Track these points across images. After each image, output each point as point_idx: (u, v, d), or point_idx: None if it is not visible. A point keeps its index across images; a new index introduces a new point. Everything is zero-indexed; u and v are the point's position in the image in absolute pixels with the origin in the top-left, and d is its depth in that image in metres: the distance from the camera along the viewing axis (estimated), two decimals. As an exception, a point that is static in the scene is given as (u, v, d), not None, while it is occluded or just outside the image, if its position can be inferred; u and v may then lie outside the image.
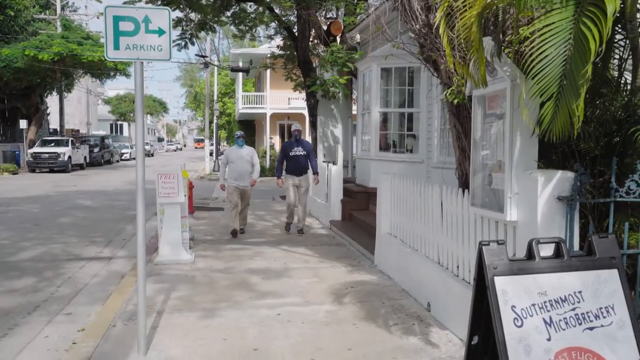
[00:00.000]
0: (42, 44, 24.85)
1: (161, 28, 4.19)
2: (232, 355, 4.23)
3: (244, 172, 9.36)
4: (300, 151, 9.52)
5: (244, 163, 9.35)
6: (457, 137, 5.25)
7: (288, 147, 9.69)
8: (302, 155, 9.53)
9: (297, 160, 9.50)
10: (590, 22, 3.02)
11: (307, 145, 9.84)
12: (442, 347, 4.39)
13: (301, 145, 9.60)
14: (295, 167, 9.53)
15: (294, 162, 9.52)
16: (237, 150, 9.55)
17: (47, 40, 25.21)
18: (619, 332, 2.75)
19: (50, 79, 28.48)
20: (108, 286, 6.27)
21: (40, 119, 30.62)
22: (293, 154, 9.49)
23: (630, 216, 3.67)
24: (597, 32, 2.97)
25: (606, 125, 3.93)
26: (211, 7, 11.07)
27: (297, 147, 9.51)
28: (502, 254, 2.83)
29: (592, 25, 3.00)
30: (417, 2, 4.85)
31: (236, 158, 9.35)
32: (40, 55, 24.12)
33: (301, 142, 9.72)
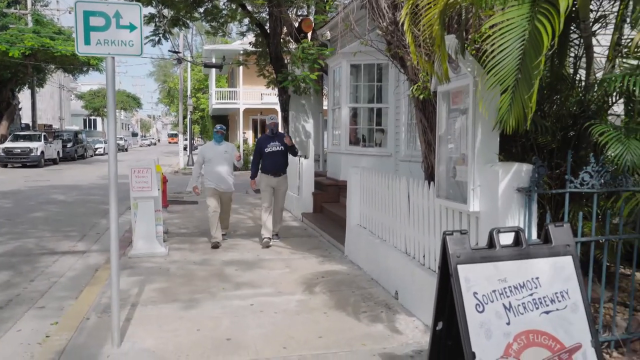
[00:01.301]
0: (13, 38, 24.13)
1: (132, 23, 4.11)
2: (205, 345, 4.21)
3: (224, 172, 7.85)
4: (277, 146, 7.95)
5: (223, 161, 7.86)
6: (423, 131, 5.30)
7: (263, 142, 8.11)
8: (280, 152, 7.97)
9: (274, 157, 7.96)
10: (544, 18, 3.10)
11: (283, 139, 8.14)
12: (409, 333, 4.45)
13: (278, 140, 8.01)
14: (271, 165, 7.98)
15: (271, 160, 7.97)
16: (215, 147, 7.97)
17: (18, 34, 24.49)
18: (572, 315, 2.83)
19: (21, 74, 27.72)
20: (82, 280, 6.16)
21: (11, 114, 29.78)
22: (269, 150, 7.95)
23: (584, 206, 3.77)
24: (550, 27, 3.04)
25: (562, 120, 4.03)
26: (184, 4, 10.91)
27: (273, 142, 7.96)
28: (464, 243, 2.88)
29: (545, 21, 3.08)
30: (384, 0, 4.87)
31: (214, 156, 7.85)
32: (11, 52, 23.42)
33: (278, 136, 8.14)
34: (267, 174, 8.02)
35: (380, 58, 7.54)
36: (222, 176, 7.82)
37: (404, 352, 4.07)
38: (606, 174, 3.65)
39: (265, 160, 8.01)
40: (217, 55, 28.33)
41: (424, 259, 4.88)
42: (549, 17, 3.07)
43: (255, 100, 29.42)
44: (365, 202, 6.68)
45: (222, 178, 7.82)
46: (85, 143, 36.42)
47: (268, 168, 8.00)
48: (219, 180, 7.81)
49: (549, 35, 3.02)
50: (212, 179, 7.82)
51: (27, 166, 25.20)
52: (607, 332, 3.85)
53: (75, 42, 4.06)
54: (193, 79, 36.56)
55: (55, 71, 31.75)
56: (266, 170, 8.03)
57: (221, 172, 7.81)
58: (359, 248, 6.68)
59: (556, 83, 4.06)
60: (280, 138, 8.08)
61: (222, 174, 7.82)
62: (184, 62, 27.08)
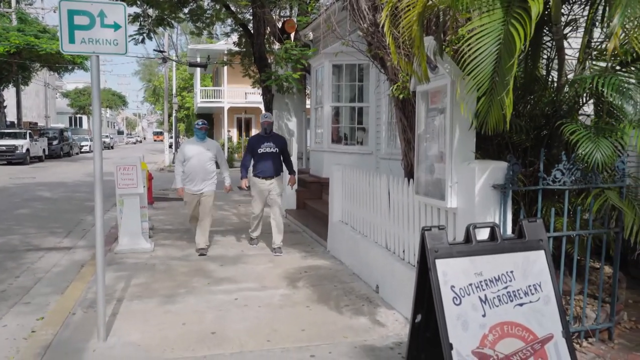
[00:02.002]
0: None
1: (117, 22, 4.06)
2: (190, 338, 4.19)
3: (204, 172, 6.94)
4: (272, 148, 7.08)
5: (204, 161, 6.92)
6: (402, 130, 5.32)
7: (255, 142, 7.20)
8: (274, 153, 7.11)
9: (267, 159, 7.07)
10: (517, 23, 3.13)
11: (280, 140, 7.32)
12: (389, 325, 4.47)
13: (272, 141, 7.13)
14: (264, 167, 7.06)
15: (263, 162, 7.06)
16: (196, 145, 7.00)
17: (3, 32, 24.00)
18: (545, 307, 2.87)
19: (6, 72, 27.17)
20: (68, 275, 6.07)
21: (-4, 111, 29.24)
22: (262, 151, 7.06)
23: (556, 202, 3.81)
24: (523, 31, 3.07)
25: (536, 119, 4.07)
26: (168, 4, 10.80)
27: (267, 143, 7.08)
28: (442, 239, 2.90)
29: (518, 26, 3.11)
30: (364, 2, 4.88)
31: (195, 154, 6.88)
32: (-4, 49, 23.01)
33: (273, 136, 7.27)
34: (259, 176, 7.09)
35: (361, 58, 7.54)
36: (202, 178, 6.94)
37: (384, 344, 4.09)
38: (577, 171, 3.71)
39: (257, 162, 7.11)
40: (202, 55, 28.12)
41: (404, 254, 4.91)
42: (522, 21, 3.10)
43: (240, 99, 29.29)
44: (347, 199, 6.69)
45: (202, 179, 6.94)
46: (71, 141, 35.88)
47: (260, 171, 7.08)
48: (198, 182, 6.94)
49: (521, 39, 3.05)
50: (191, 180, 6.94)
51: (13, 163, 24.72)
52: (578, 322, 3.92)
53: (60, 41, 4.00)
54: (178, 78, 36.25)
55: (40, 69, 31.20)
56: (258, 172, 7.10)
57: (201, 173, 6.91)
58: (341, 243, 6.70)
59: (530, 84, 4.10)
60: (275, 139, 7.24)
61: (202, 175, 6.93)
62: (169, 62, 26.81)
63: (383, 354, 3.91)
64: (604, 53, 4.00)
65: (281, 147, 7.22)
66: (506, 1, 3.27)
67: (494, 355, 2.72)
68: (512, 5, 3.22)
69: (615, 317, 4.07)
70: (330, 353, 3.91)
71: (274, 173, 7.12)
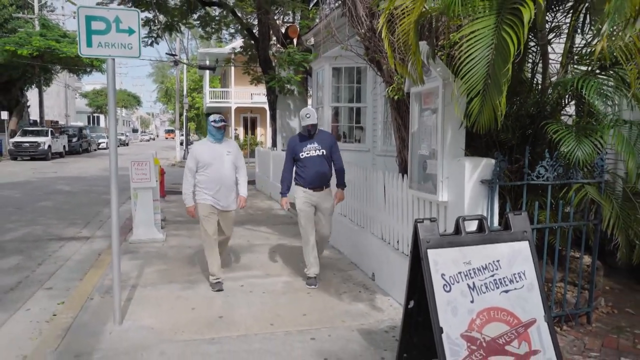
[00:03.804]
0: (21, 40, 23.58)
1: (131, 28, 4.05)
2: (199, 322, 4.19)
3: (227, 182, 5.06)
4: (317, 149, 5.14)
5: (225, 167, 5.03)
6: (397, 128, 5.30)
7: (295, 144, 5.23)
8: (321, 157, 5.16)
9: (314, 164, 5.13)
10: (509, 29, 3.10)
11: (326, 139, 5.28)
12: (385, 310, 4.48)
13: (317, 141, 5.17)
14: (309, 174, 5.14)
15: (308, 169, 5.14)
16: (213, 147, 5.04)
17: (26, 37, 23.93)
18: (528, 294, 2.87)
19: (29, 74, 27.13)
20: (86, 263, 6.07)
21: (20, 110, 29.17)
22: (306, 155, 5.13)
23: (540, 196, 3.81)
24: (515, 37, 3.05)
25: (521, 119, 4.06)
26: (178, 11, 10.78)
27: (311, 144, 5.15)
28: (434, 230, 2.90)
29: (511, 31, 3.08)
30: (362, 9, 4.85)
31: (212, 159, 4.99)
32: (20, 51, 22.90)
33: (320, 136, 5.25)
34: (305, 187, 5.17)
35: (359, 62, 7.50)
36: (223, 189, 5.04)
37: (379, 327, 4.09)
38: (559, 167, 3.70)
39: (300, 169, 5.20)
40: (211, 58, 28.00)
41: (398, 244, 4.91)
42: (514, 27, 3.07)
43: (246, 100, 29.25)
44: (346, 193, 6.67)
45: (223, 191, 5.05)
46: (89, 138, 35.85)
47: (305, 179, 5.16)
48: (219, 193, 5.03)
49: (514, 44, 3.03)
50: (208, 192, 5.02)
51: (36, 159, 24.72)
52: (559, 308, 3.92)
53: (78, 45, 3.99)
54: (189, 80, 36.19)
55: (60, 71, 31.13)
56: (303, 181, 5.18)
57: (222, 183, 5.02)
58: (339, 234, 6.69)
59: (516, 86, 4.08)
60: (321, 138, 5.22)
61: (224, 185, 5.04)
62: (180, 65, 26.75)
63: (378, 337, 3.91)
64: (584, 58, 3.99)
65: (330, 147, 5.20)
66: (497, 8, 3.25)
67: (481, 338, 2.72)
68: (503, 12, 3.20)
69: (593, 302, 4.07)
70: (329, 336, 3.92)
71: (323, 182, 5.18)
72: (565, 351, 3.52)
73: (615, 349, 3.62)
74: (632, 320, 4.15)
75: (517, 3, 3.11)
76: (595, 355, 3.53)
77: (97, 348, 3.69)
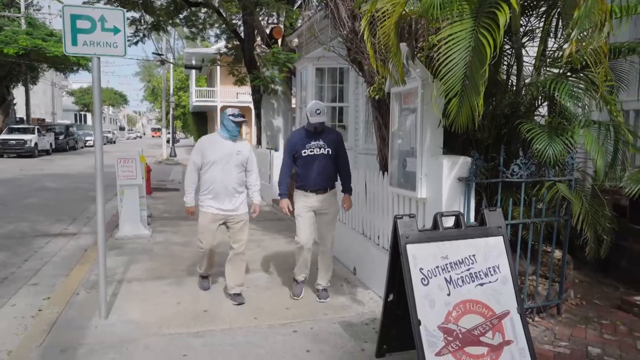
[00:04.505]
0: (7, 38, 23.02)
1: (116, 27, 3.98)
2: (185, 316, 4.15)
3: (230, 185, 4.36)
4: (322, 148, 4.45)
5: (231, 169, 4.35)
6: (378, 127, 5.31)
7: (298, 140, 4.51)
8: (326, 156, 4.46)
9: (316, 164, 4.45)
10: (486, 32, 3.11)
11: (333, 137, 4.58)
12: (366, 304, 4.49)
13: (323, 138, 4.48)
14: (311, 175, 4.45)
15: (310, 169, 4.45)
16: (223, 144, 4.37)
17: (12, 35, 23.37)
18: (502, 287, 2.90)
19: (16, 72, 26.54)
20: (73, 259, 5.98)
21: (7, 108, 28.50)
22: (309, 153, 4.45)
23: (514, 193, 3.84)
24: (492, 40, 3.06)
25: (497, 119, 4.09)
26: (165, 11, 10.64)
27: (315, 141, 4.45)
28: (413, 226, 2.91)
29: (487, 35, 3.09)
30: (344, 12, 4.84)
31: (219, 157, 4.33)
32: (6, 50, 22.34)
33: (323, 132, 4.52)
34: (305, 189, 4.48)
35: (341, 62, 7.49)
36: (229, 191, 4.36)
37: (360, 320, 4.10)
38: (532, 165, 3.74)
39: (300, 168, 4.48)
40: (197, 58, 27.74)
41: (379, 240, 4.92)
42: (490, 30, 3.09)
43: (232, 99, 29.03)
44: (327, 190, 6.66)
45: (229, 194, 4.37)
46: (76, 136, 35.20)
47: (306, 181, 4.47)
48: (223, 196, 4.36)
49: (491, 46, 3.05)
50: (212, 195, 4.37)
51: (22, 156, 24.21)
52: (531, 300, 3.97)
53: (64, 43, 3.90)
54: (175, 79, 35.78)
55: (47, 70, 30.51)
56: (303, 183, 4.49)
57: (228, 184, 4.33)
58: (322, 230, 6.68)
59: (492, 88, 4.11)
60: (327, 135, 4.52)
61: (229, 187, 4.35)
62: (166, 64, 26.44)
63: (359, 329, 3.92)
64: (557, 60, 4.03)
65: (336, 146, 4.50)
66: (474, 12, 3.27)
67: (457, 329, 2.75)
68: (479, 16, 3.21)
69: (563, 294, 4.13)
70: (311, 329, 3.91)
71: (326, 184, 4.49)
72: (537, 341, 3.57)
73: (583, 339, 3.68)
74: (599, 311, 4.22)
75: (493, 7, 3.13)
76: (565, 344, 3.58)
77: (83, 342, 3.63)
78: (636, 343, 3.62)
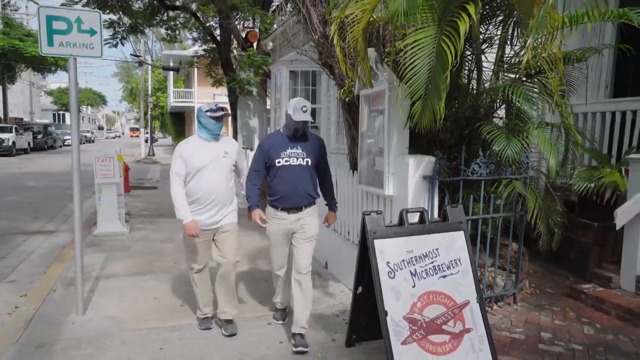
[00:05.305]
0: (-17, 38, 22.19)
1: (93, 29, 3.86)
2: (162, 311, 4.07)
3: (225, 193, 3.61)
4: (300, 158, 3.48)
5: (221, 174, 3.57)
6: (348, 128, 5.31)
7: (272, 145, 3.52)
8: (303, 167, 3.49)
9: (290, 176, 3.47)
10: (447, 39, 3.14)
11: (315, 144, 3.62)
12: (337, 296, 4.49)
13: (302, 145, 3.51)
14: (285, 190, 3.48)
15: (284, 180, 3.48)
16: (206, 147, 3.56)
17: (-11, 35, 22.52)
18: (463, 278, 2.94)
19: (-8, 72, 25.58)
20: (50, 256, 5.79)
21: (-17, 108, 27.46)
22: (283, 164, 3.47)
23: (475, 190, 3.90)
24: (453, 46, 3.10)
25: (459, 121, 4.14)
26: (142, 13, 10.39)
27: (293, 149, 3.49)
28: (380, 222, 2.92)
29: (449, 42, 3.12)
30: (316, 17, 4.82)
31: (204, 162, 3.50)
32: (-18, 50, 21.54)
33: (303, 137, 3.55)
34: (278, 206, 3.51)
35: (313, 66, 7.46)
36: (217, 202, 3.55)
37: (331, 312, 4.11)
38: (491, 164, 3.81)
39: (273, 181, 3.51)
40: (175, 60, 27.24)
41: (349, 235, 4.93)
42: (452, 38, 3.13)
43: (209, 100, 28.55)
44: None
45: (217, 205, 3.56)
46: (54, 135, 34.07)
47: (278, 196, 3.49)
48: (212, 209, 3.55)
49: (452, 53, 3.08)
50: (198, 207, 3.52)
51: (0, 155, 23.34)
52: (490, 290, 4.05)
53: (39, 44, 3.77)
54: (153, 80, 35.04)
55: (25, 70, 29.44)
56: (275, 199, 3.51)
57: (216, 194, 3.53)
58: (295, 225, 6.65)
59: (454, 91, 4.16)
60: (307, 144, 3.53)
61: (218, 198, 3.55)
62: (144, 65, 25.87)
63: (330, 320, 3.92)
64: (513, 66, 4.11)
65: (317, 156, 3.55)
66: (437, 20, 3.30)
67: (422, 319, 2.78)
68: (442, 24, 3.24)
69: (519, 284, 4.23)
70: (285, 321, 3.89)
71: (302, 201, 3.50)
72: (495, 328, 3.65)
73: (536, 325, 3.78)
74: (551, 299, 4.34)
75: (454, 16, 3.17)
76: (520, 330, 3.67)
77: (60, 338, 3.52)
78: (583, 328, 3.74)
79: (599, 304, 4.07)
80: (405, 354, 2.68)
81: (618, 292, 4.17)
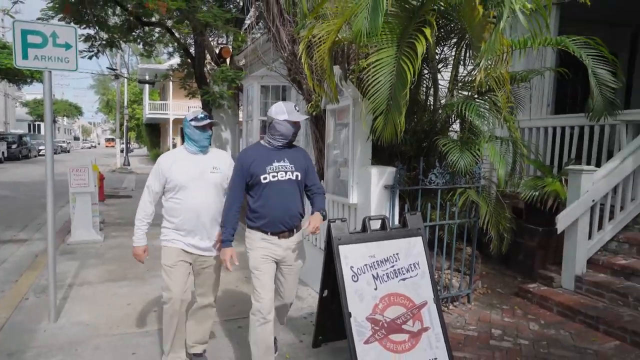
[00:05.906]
0: (-43, 50, 21.13)
1: (68, 43, 3.75)
2: (134, 317, 3.95)
3: (209, 214, 2.89)
4: (288, 172, 2.77)
5: (208, 192, 2.88)
6: (315, 140, 5.33)
7: (255, 159, 2.77)
8: (292, 182, 2.79)
9: (280, 193, 2.76)
10: (406, 59, 3.22)
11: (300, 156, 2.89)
12: (305, 299, 4.47)
13: (289, 158, 2.80)
14: (274, 210, 2.77)
15: (273, 199, 2.76)
16: (193, 161, 2.87)
17: (-37, 47, 21.47)
18: (421, 280, 2.98)
19: (-34, 82, 24.39)
20: (23, 265, 5.53)
21: (-44, 117, 26.10)
22: (270, 180, 2.74)
23: (432, 198, 3.98)
24: (412, 66, 3.17)
25: (417, 134, 4.23)
26: (119, 29, 10.18)
27: (280, 162, 2.77)
28: (344, 229, 2.93)
29: (408, 61, 3.20)
30: (285, 36, 4.84)
31: (189, 179, 2.82)
32: (-44, 61, 20.49)
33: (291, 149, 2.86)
34: (265, 231, 2.84)
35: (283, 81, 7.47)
36: (204, 224, 2.91)
37: (299, 314, 4.08)
38: (447, 175, 3.90)
39: (258, 201, 2.81)
40: (151, 73, 26.73)
41: (316, 241, 4.93)
42: (410, 58, 3.20)
43: (184, 111, 28.12)
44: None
45: (204, 228, 2.92)
46: (29, 145, 32.70)
47: (266, 218, 2.81)
48: (195, 231, 2.90)
49: (411, 71, 3.15)
50: (180, 230, 2.91)
51: (-28, 164, 22.22)
52: (446, 291, 4.13)
53: (14, 57, 3.63)
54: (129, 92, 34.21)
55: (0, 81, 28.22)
56: (262, 223, 2.82)
57: (203, 215, 2.89)
58: (266, 232, 6.59)
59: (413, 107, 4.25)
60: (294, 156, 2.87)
61: (204, 219, 2.90)
62: (121, 78, 25.27)
63: (298, 322, 3.90)
64: (466, 84, 4.24)
65: (305, 169, 2.89)
66: (397, 41, 3.37)
67: (383, 319, 2.80)
68: (401, 45, 3.32)
69: (472, 285, 4.33)
70: (255, 323, 3.83)
71: (293, 223, 2.89)
72: (450, 326, 3.71)
73: (488, 322, 3.87)
74: (501, 298, 4.46)
75: (412, 38, 3.25)
76: (473, 328, 3.75)
77: (31, 346, 3.36)
78: (529, 324, 3.85)
79: (543, 301, 4.21)
80: (368, 352, 2.69)
81: (559, 290, 4.32)
